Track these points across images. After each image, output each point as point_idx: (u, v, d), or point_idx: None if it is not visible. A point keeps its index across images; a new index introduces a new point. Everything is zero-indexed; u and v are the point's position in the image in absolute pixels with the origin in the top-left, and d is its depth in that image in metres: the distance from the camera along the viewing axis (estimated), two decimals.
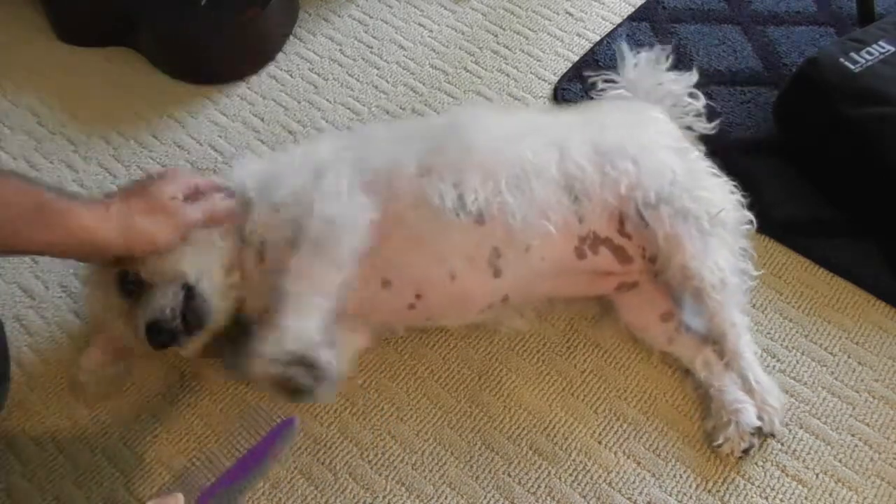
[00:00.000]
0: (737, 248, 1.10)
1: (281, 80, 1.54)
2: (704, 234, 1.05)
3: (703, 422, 1.07)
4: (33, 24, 1.64)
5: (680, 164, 1.10)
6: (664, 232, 1.04)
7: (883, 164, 1.18)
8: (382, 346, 1.16)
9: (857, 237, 1.23)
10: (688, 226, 1.05)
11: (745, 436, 1.02)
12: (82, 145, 1.44)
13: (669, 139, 1.15)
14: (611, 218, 1.07)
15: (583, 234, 1.07)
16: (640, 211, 1.05)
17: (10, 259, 1.28)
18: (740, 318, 1.07)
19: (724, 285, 1.05)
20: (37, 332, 1.20)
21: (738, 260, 1.09)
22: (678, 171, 1.08)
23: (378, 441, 1.08)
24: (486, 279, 1.05)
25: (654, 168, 1.07)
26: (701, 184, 1.10)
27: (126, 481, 1.05)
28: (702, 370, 1.08)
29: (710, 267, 1.04)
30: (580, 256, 1.07)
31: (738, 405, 1.03)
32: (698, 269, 1.04)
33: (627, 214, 1.06)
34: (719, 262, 1.05)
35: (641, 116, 1.20)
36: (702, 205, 1.06)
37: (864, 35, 1.30)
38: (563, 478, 1.04)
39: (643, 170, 1.07)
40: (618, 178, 1.06)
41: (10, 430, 1.10)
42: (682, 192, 1.06)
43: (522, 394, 1.11)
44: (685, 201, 1.05)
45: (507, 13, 1.63)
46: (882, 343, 1.14)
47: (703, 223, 1.05)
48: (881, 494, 1.01)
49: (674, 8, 1.60)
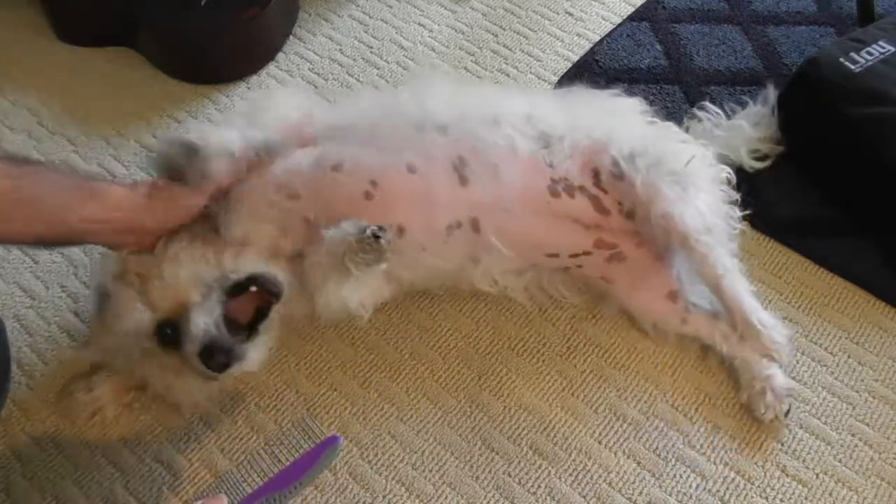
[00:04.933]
0: (718, 194, 1.11)
1: (281, 80, 1.54)
2: (681, 180, 1.06)
3: (735, 394, 1.08)
4: (33, 24, 1.64)
5: (650, 128, 1.15)
6: (641, 180, 1.05)
7: (883, 164, 1.18)
8: (382, 346, 1.16)
9: (857, 237, 1.23)
10: (663, 173, 1.06)
11: (783, 399, 1.04)
12: (82, 145, 1.44)
13: (640, 113, 1.18)
14: (584, 168, 1.08)
15: (555, 176, 1.07)
16: (616, 161, 1.06)
17: (10, 259, 1.28)
18: (732, 262, 1.07)
19: (709, 229, 1.05)
20: (37, 332, 1.20)
21: (720, 204, 1.10)
22: (648, 132, 1.13)
23: (378, 441, 1.08)
24: (451, 184, 1.04)
25: (626, 128, 1.11)
26: (672, 139, 1.14)
27: (126, 481, 1.05)
28: (723, 343, 1.09)
29: (691, 212, 1.05)
30: (554, 195, 1.07)
31: (768, 371, 1.05)
32: (680, 215, 1.04)
33: (602, 168, 1.07)
34: (700, 207, 1.06)
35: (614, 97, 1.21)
36: (675, 154, 1.09)
37: (864, 35, 1.30)
38: (563, 478, 1.04)
39: (616, 128, 1.10)
40: (590, 130, 1.09)
41: (10, 429, 1.10)
42: (654, 145, 1.08)
43: (522, 394, 1.11)
44: (659, 151, 1.07)
45: (507, 13, 1.63)
46: (882, 343, 1.14)
47: (678, 169, 1.07)
48: (881, 494, 1.01)
49: (674, 8, 1.60)
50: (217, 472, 1.05)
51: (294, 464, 0.94)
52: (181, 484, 1.05)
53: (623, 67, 1.49)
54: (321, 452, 0.94)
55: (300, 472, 0.93)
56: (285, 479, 0.93)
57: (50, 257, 1.28)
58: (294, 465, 0.94)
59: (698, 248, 1.05)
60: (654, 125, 1.18)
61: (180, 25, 1.49)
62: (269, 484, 0.93)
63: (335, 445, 0.95)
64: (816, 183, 1.28)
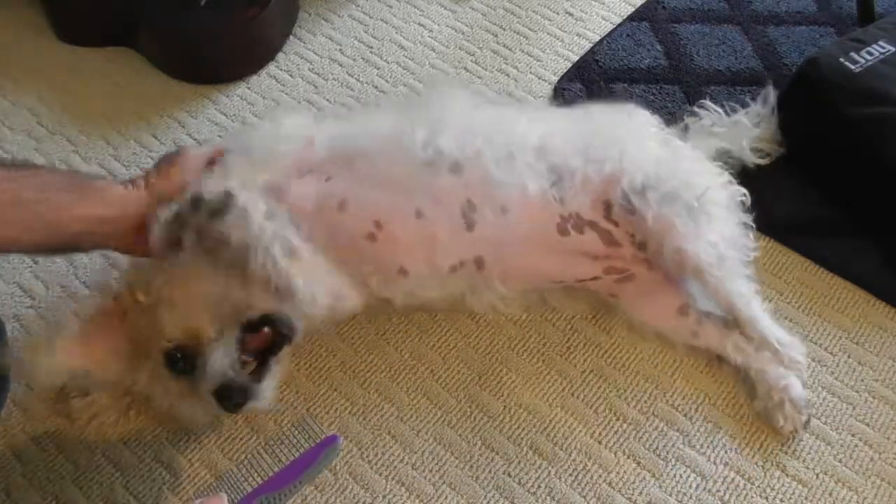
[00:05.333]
0: (732, 222, 1.09)
1: (281, 80, 1.54)
2: (693, 213, 1.04)
3: (751, 404, 1.07)
4: (33, 24, 1.64)
5: (663, 151, 1.11)
6: (653, 214, 1.03)
7: (883, 164, 1.18)
8: (382, 346, 1.16)
9: (857, 237, 1.23)
10: (676, 207, 1.03)
11: (801, 409, 1.03)
12: (82, 145, 1.44)
13: (652, 130, 1.16)
14: (595, 203, 1.06)
15: (565, 213, 1.05)
16: (627, 196, 1.04)
17: (10, 259, 1.28)
18: (746, 286, 1.06)
19: (722, 261, 1.04)
20: (37, 332, 1.20)
21: (734, 233, 1.08)
22: (662, 157, 1.09)
23: (378, 441, 1.08)
24: (458, 229, 1.03)
25: (637, 155, 1.07)
26: (685, 167, 1.10)
27: (126, 481, 1.05)
28: (735, 355, 1.08)
29: (703, 246, 1.03)
30: (563, 233, 1.06)
31: (784, 381, 1.04)
32: (693, 251, 1.03)
33: (613, 201, 1.05)
34: (712, 239, 1.04)
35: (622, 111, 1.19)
36: (688, 186, 1.06)
37: (864, 35, 1.30)
38: (563, 478, 1.04)
39: (627, 156, 1.06)
40: (601, 163, 1.06)
41: (10, 430, 1.10)
42: (667, 175, 1.05)
43: (522, 394, 1.11)
44: (671, 184, 1.05)
45: (507, 13, 1.63)
46: (882, 343, 1.14)
47: (691, 203, 1.04)
48: (881, 494, 1.01)
49: (674, 8, 1.60)
50: (217, 472, 1.05)
51: (294, 463, 0.94)
52: (181, 484, 1.05)
53: (623, 67, 1.49)
54: (321, 452, 0.94)
55: (300, 472, 0.93)
56: (285, 478, 0.93)
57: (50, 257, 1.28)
58: (294, 465, 0.94)
59: (711, 281, 1.04)
60: (668, 146, 1.13)
61: (180, 25, 1.49)
62: (269, 483, 0.93)
63: (335, 445, 0.95)
64: (816, 183, 1.28)
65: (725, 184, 1.12)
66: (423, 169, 1.03)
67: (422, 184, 1.03)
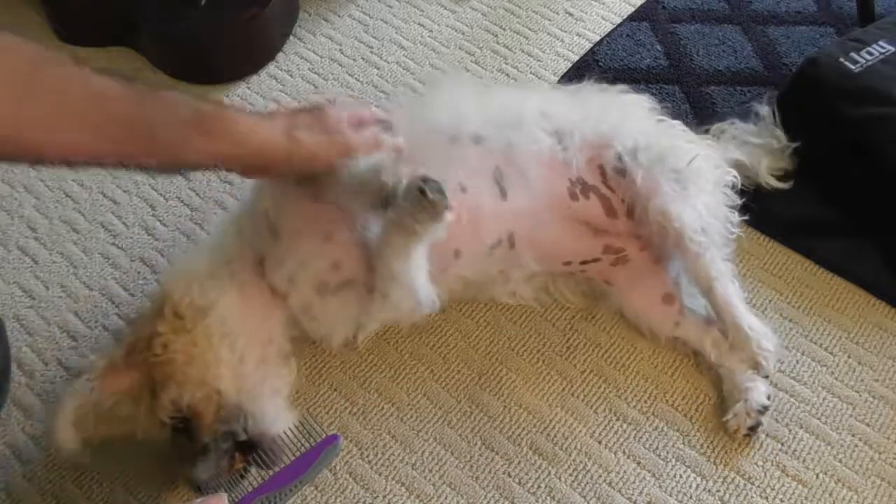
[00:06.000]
0: (718, 197, 1.11)
1: (281, 80, 1.54)
2: (682, 179, 1.07)
3: (715, 401, 1.08)
4: (33, 24, 1.64)
5: (657, 125, 1.16)
6: (642, 174, 1.06)
7: (882, 164, 1.18)
8: (382, 346, 1.16)
9: (857, 237, 1.23)
10: (665, 169, 1.07)
11: (752, 413, 1.03)
12: None
13: (646, 105, 1.19)
14: (591, 165, 1.09)
15: (573, 177, 1.09)
16: (619, 155, 1.08)
17: (9, 259, 1.28)
18: (725, 265, 1.07)
19: (705, 230, 1.05)
20: (37, 332, 1.20)
21: (719, 208, 1.10)
22: (655, 128, 1.14)
23: (378, 441, 1.08)
24: (496, 198, 1.05)
25: (632, 124, 1.12)
26: (677, 137, 1.15)
27: (126, 481, 1.05)
28: (712, 350, 1.09)
29: (689, 211, 1.05)
30: (573, 197, 1.09)
31: (749, 384, 1.05)
32: (677, 213, 1.04)
33: (606, 162, 1.09)
34: (698, 207, 1.06)
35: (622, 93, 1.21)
36: (678, 151, 1.09)
37: (864, 35, 1.30)
38: (563, 478, 1.04)
39: (621, 123, 1.11)
40: (598, 123, 1.10)
41: (10, 430, 1.10)
42: (658, 141, 1.10)
43: (522, 394, 1.11)
44: (661, 147, 1.09)
45: (507, 13, 1.63)
46: (882, 343, 1.14)
47: (679, 166, 1.08)
48: (881, 494, 1.01)
49: (674, 8, 1.60)
50: None
51: (293, 462, 0.94)
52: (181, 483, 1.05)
53: (623, 67, 1.49)
54: (321, 451, 0.94)
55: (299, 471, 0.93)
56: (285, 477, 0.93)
57: (50, 257, 1.28)
58: (293, 464, 0.94)
59: (692, 248, 1.05)
60: (661, 122, 1.18)
61: (180, 25, 1.49)
62: (269, 482, 0.93)
63: (335, 445, 0.95)
64: (816, 183, 1.28)
65: (717, 161, 1.15)
66: (450, 145, 1.06)
67: (455, 158, 1.05)
